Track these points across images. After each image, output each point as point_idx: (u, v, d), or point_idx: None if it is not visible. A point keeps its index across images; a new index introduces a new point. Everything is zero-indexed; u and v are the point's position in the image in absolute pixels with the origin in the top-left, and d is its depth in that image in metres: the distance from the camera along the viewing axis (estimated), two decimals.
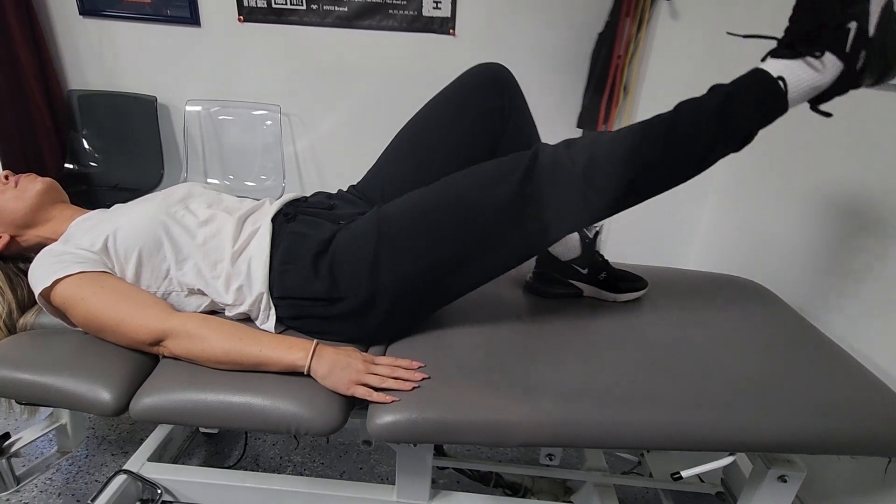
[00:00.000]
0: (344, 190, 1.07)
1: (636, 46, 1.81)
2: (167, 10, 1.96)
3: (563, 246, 1.02)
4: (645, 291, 1.06)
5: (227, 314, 0.91)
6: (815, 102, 0.79)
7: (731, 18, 1.75)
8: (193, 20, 1.97)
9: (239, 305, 0.89)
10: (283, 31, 1.98)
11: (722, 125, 0.77)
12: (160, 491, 0.97)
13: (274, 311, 0.89)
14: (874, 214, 1.14)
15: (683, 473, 0.87)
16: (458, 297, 0.90)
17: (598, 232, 1.02)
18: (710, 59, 1.80)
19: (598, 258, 1.04)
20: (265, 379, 0.79)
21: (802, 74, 0.75)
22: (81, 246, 0.86)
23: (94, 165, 2.14)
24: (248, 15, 1.96)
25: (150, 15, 1.97)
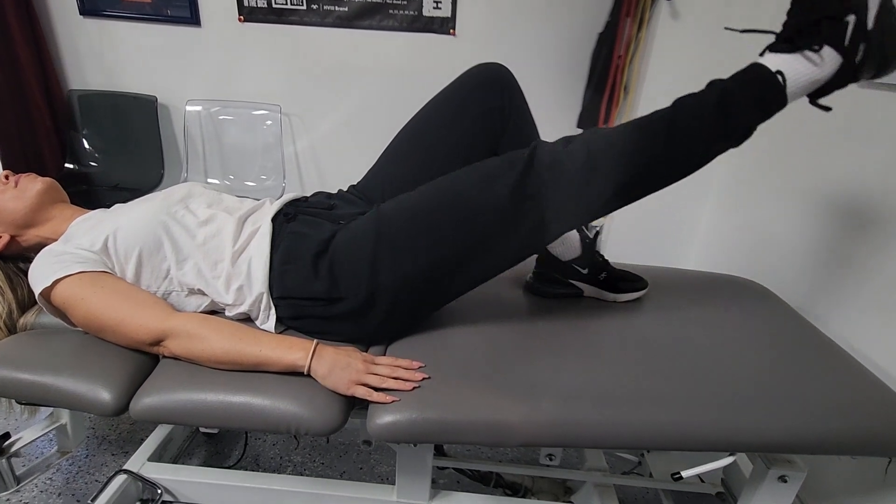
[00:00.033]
0: (344, 190, 1.07)
1: (636, 46, 1.81)
2: (167, 10, 1.96)
3: (563, 246, 1.01)
4: (645, 291, 1.06)
5: (227, 314, 0.91)
6: (814, 96, 0.78)
7: (731, 18, 1.75)
8: (194, 20, 1.97)
9: (239, 305, 0.89)
10: (283, 31, 1.98)
11: (721, 120, 0.77)
12: (160, 491, 0.97)
13: (274, 311, 0.89)
14: (874, 214, 1.14)
15: (684, 473, 0.87)
16: (458, 295, 0.90)
17: (598, 232, 1.02)
18: (710, 58, 1.80)
19: (598, 258, 1.04)
20: (265, 379, 0.79)
21: (801, 68, 0.74)
22: (81, 246, 0.86)
23: (94, 165, 2.14)
24: (248, 15, 1.96)
25: (150, 15, 1.97)
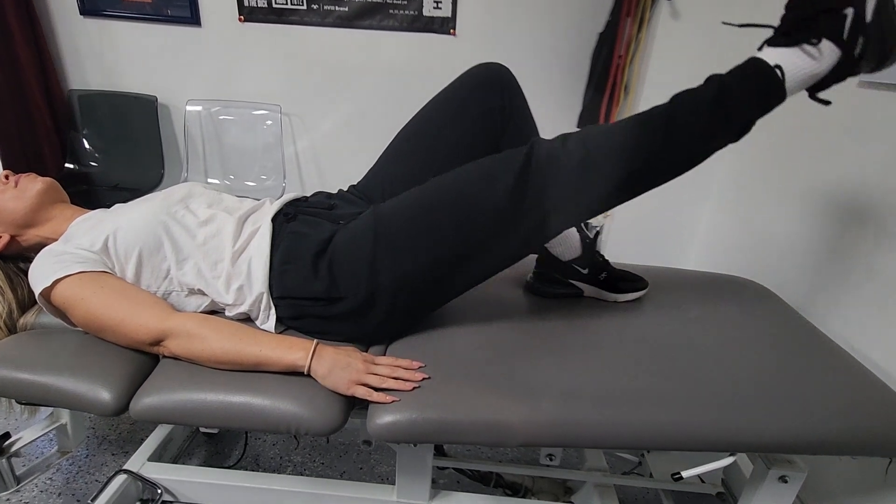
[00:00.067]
0: (344, 190, 1.07)
1: (637, 46, 1.81)
2: (168, 9, 1.96)
3: (563, 246, 1.01)
4: (645, 291, 1.06)
5: (227, 314, 0.91)
6: (813, 90, 0.78)
7: (731, 18, 1.73)
8: (194, 20, 1.97)
9: (239, 305, 0.89)
10: (283, 31, 1.98)
11: (720, 115, 0.77)
12: (160, 491, 0.97)
13: (274, 310, 0.89)
14: (874, 214, 1.14)
15: (684, 474, 0.86)
16: (458, 294, 0.90)
17: (598, 232, 1.02)
18: (710, 58, 1.79)
19: (598, 258, 1.04)
20: (265, 379, 0.79)
21: (799, 62, 0.74)
22: (81, 246, 0.86)
23: (94, 165, 2.14)
24: (248, 15, 1.96)
25: (150, 15, 1.97)
